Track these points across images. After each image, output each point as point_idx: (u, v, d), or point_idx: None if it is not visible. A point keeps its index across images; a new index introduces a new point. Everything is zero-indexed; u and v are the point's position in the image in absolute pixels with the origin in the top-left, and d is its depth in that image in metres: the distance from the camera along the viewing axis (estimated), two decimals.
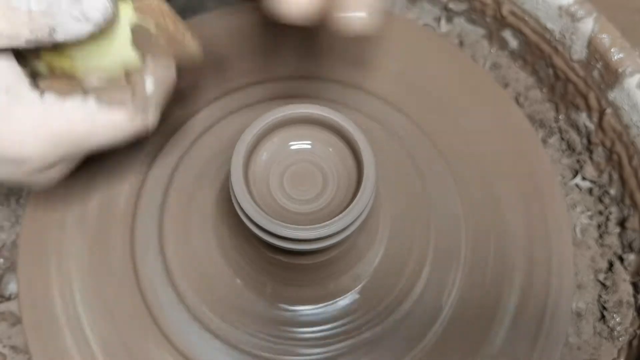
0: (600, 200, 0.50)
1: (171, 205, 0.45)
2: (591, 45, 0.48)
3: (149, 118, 0.32)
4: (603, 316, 0.46)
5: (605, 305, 0.46)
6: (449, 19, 0.57)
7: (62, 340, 0.42)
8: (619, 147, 0.48)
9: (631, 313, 0.45)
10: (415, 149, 0.48)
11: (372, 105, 0.50)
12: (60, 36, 0.26)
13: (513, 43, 0.54)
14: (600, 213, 0.50)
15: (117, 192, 0.46)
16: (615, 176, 0.49)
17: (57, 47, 0.28)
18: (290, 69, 0.52)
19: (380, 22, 0.29)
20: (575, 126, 0.52)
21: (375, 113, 0.49)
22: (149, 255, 0.44)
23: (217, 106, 0.49)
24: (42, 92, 0.28)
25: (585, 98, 0.50)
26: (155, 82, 0.31)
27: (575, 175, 0.51)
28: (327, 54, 0.53)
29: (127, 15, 0.29)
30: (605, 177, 0.50)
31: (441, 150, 0.48)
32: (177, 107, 0.50)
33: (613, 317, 0.45)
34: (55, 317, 0.43)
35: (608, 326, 0.45)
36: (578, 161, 0.51)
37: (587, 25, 0.48)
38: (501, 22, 0.54)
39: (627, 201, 0.48)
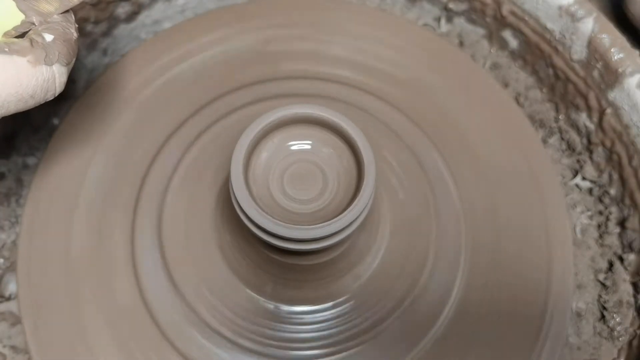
0: (600, 200, 0.50)
1: (171, 206, 0.45)
2: (591, 45, 0.48)
3: (54, 69, 0.32)
4: (603, 316, 0.46)
5: (605, 305, 0.46)
6: (449, 19, 0.57)
7: (62, 340, 0.42)
8: (619, 147, 0.48)
9: (631, 313, 0.45)
10: (415, 148, 0.48)
11: (372, 105, 0.50)
12: None
13: (513, 43, 0.54)
14: (600, 213, 0.50)
15: (116, 192, 0.46)
16: (615, 176, 0.49)
17: None
18: (291, 69, 0.52)
19: None
20: (575, 126, 0.52)
21: (375, 113, 0.49)
22: (149, 254, 0.44)
23: (217, 106, 0.49)
24: None
25: (585, 98, 0.50)
26: (52, 35, 0.32)
27: (575, 175, 0.51)
28: (328, 54, 0.53)
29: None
30: (605, 177, 0.50)
31: (441, 150, 0.48)
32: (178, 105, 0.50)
33: (613, 317, 0.45)
34: (55, 317, 0.43)
35: (608, 326, 0.45)
36: (578, 161, 0.51)
37: (587, 25, 0.48)
38: (501, 22, 0.54)
39: (627, 201, 0.48)
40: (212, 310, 0.42)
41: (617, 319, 0.45)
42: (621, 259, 0.47)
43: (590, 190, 0.51)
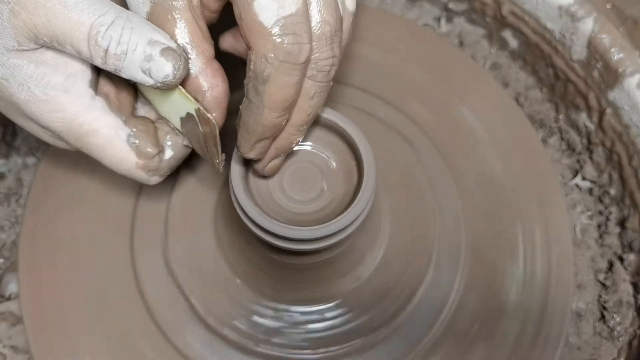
0: (600, 200, 0.50)
1: (171, 206, 0.45)
2: (591, 45, 0.48)
3: (153, 179, 0.36)
4: (603, 316, 0.46)
5: (605, 305, 0.46)
6: (449, 19, 0.57)
7: (62, 340, 0.42)
8: (619, 147, 0.48)
9: (631, 313, 0.45)
10: (416, 149, 0.48)
11: (372, 105, 0.50)
12: (124, 75, 0.31)
13: (513, 43, 0.54)
14: (600, 213, 0.50)
15: (117, 192, 0.46)
16: (615, 176, 0.49)
17: None
18: None
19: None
20: (575, 126, 0.52)
21: (375, 113, 0.49)
22: (149, 255, 0.44)
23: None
24: (96, 93, 0.33)
25: (585, 98, 0.50)
26: (173, 157, 0.36)
27: (575, 175, 0.51)
28: None
29: (186, 101, 0.33)
30: (605, 177, 0.50)
31: (441, 151, 0.48)
32: None
33: (613, 317, 0.45)
34: (55, 317, 0.43)
35: (608, 326, 0.45)
36: (578, 161, 0.51)
37: (587, 25, 0.48)
38: (501, 22, 0.54)
39: (627, 201, 0.48)
40: (212, 311, 0.42)
41: (617, 319, 0.45)
42: (621, 259, 0.47)
43: (590, 190, 0.51)
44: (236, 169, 0.37)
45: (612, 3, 0.47)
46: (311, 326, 0.42)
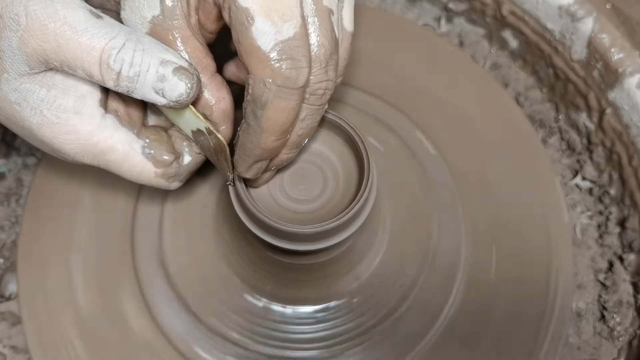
0: (600, 200, 0.50)
1: (171, 207, 0.45)
2: (591, 45, 0.48)
3: (173, 185, 0.36)
4: (603, 316, 0.46)
5: (605, 305, 0.46)
6: (449, 19, 0.57)
7: (61, 340, 0.42)
8: (619, 147, 0.48)
9: (631, 313, 0.45)
10: (415, 149, 0.48)
11: (372, 106, 0.50)
12: (136, 96, 0.31)
13: (513, 43, 0.54)
14: (600, 213, 0.50)
15: (117, 192, 0.46)
16: (615, 176, 0.49)
17: None
18: None
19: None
20: (575, 126, 0.52)
21: (376, 113, 0.49)
22: (149, 256, 0.44)
23: None
24: (106, 112, 0.33)
25: (585, 98, 0.50)
26: (192, 161, 0.36)
27: (575, 175, 0.51)
28: None
29: (196, 119, 0.34)
30: (605, 177, 0.50)
31: (441, 150, 0.48)
32: None
33: (613, 317, 0.45)
34: (55, 317, 0.43)
35: (608, 326, 0.45)
36: (578, 161, 0.51)
37: (587, 25, 0.48)
38: (501, 22, 0.54)
39: (627, 201, 0.48)
40: (212, 311, 0.42)
41: (617, 319, 0.45)
42: (621, 259, 0.47)
43: (590, 190, 0.51)
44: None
45: (612, 3, 0.47)
46: (312, 326, 0.42)
